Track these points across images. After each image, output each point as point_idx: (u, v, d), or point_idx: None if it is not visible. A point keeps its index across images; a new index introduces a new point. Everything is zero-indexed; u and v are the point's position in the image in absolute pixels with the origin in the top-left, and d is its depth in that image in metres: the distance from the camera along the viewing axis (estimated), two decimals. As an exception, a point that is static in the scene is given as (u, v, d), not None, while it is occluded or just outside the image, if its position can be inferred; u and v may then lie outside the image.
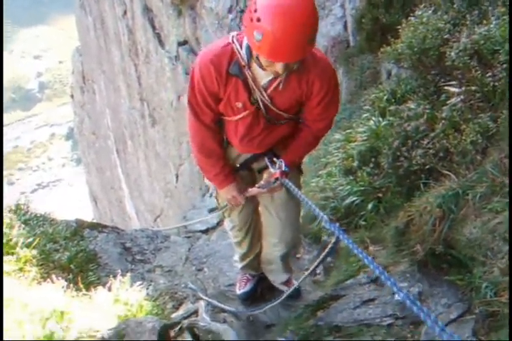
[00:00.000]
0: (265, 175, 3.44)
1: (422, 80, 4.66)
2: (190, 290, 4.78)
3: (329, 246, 2.55)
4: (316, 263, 2.81)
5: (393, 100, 5.00)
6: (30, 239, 4.40)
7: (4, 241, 4.18)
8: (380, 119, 4.80)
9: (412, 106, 4.34)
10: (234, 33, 3.00)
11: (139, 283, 3.99)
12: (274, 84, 3.03)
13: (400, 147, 4.10)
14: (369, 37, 7.85)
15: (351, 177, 4.72)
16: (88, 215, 31.11)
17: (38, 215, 5.75)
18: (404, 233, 3.65)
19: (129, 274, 4.09)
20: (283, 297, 3.56)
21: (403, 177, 4.06)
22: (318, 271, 4.80)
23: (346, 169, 4.91)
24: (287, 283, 4.32)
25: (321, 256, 2.69)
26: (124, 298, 3.62)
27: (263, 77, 3.01)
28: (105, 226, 6.82)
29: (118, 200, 28.66)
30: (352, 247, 2.12)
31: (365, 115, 5.35)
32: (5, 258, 3.94)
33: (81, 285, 3.84)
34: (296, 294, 4.32)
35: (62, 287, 3.54)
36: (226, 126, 3.35)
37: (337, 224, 2.42)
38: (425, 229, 3.42)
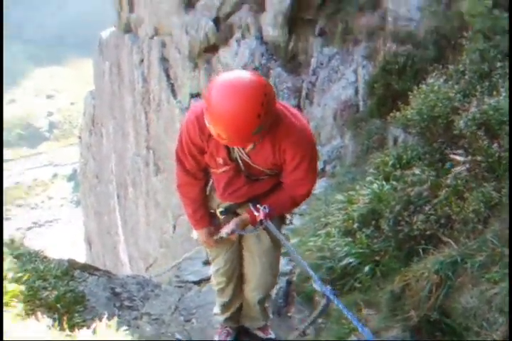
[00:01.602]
0: (237, 218, 3.56)
1: (429, 147, 4.70)
2: (177, 341, 4.69)
3: (320, 308, 2.52)
4: (306, 324, 2.78)
5: (398, 165, 5.02)
6: (20, 274, 4.33)
7: (-7, 274, 4.12)
8: (384, 183, 4.81)
9: (417, 171, 4.36)
10: None
11: (125, 328, 3.90)
12: (251, 145, 3.13)
13: (401, 211, 4.09)
14: (380, 102, 7.98)
15: (350, 239, 4.68)
16: (81, 258, 30.78)
17: (31, 251, 5.70)
18: (400, 298, 3.61)
19: (115, 318, 4.01)
20: None
21: (403, 242, 4.04)
22: (307, 332, 4.71)
23: (346, 230, 4.87)
24: (264, 329, 4.44)
25: (312, 317, 2.67)
26: (108, 341, 3.53)
27: None
28: (97, 269, 6.75)
29: (113, 245, 28.45)
30: (344, 311, 2.10)
31: (369, 178, 5.35)
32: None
33: (65, 326, 3.76)
34: None
35: (47, 325, 3.47)
36: (212, 176, 3.52)
37: (329, 287, 2.42)
38: (421, 295, 3.38)
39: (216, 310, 4.48)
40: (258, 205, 3.41)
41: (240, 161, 3.27)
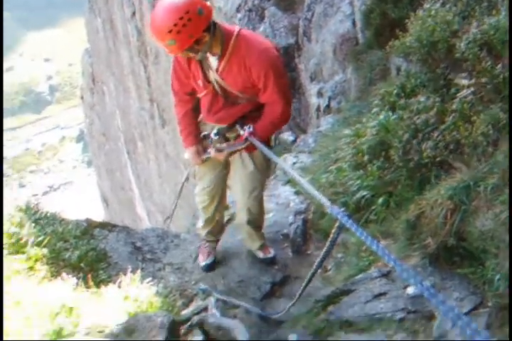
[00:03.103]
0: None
1: (432, 74, 4.59)
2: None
3: (333, 230, 2.57)
4: (325, 248, 2.87)
5: (403, 94, 4.93)
6: (41, 238, 4.37)
7: (14, 240, 4.16)
8: (390, 113, 4.75)
9: (422, 99, 4.29)
10: None
11: (148, 279, 3.96)
12: (221, 66, 3.61)
13: (410, 140, 4.04)
14: (378, 32, 7.78)
15: (361, 172, 4.66)
16: (99, 217, 31.16)
17: (48, 215, 5.74)
18: (416, 226, 3.60)
19: (139, 271, 4.07)
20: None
21: (414, 171, 4.01)
22: (329, 267, 4.76)
23: (356, 164, 4.85)
24: (263, 249, 4.94)
25: (328, 244, 2.74)
26: (133, 294, 3.60)
27: (212, 60, 3.62)
28: (115, 226, 6.82)
29: (129, 201, 28.72)
30: (357, 232, 2.13)
31: (374, 109, 5.28)
32: (15, 256, 3.92)
33: (91, 283, 3.82)
34: (271, 260, 4.97)
35: (73, 285, 3.53)
36: (200, 101, 4.05)
37: (342, 209, 2.51)
38: (437, 221, 3.37)
39: (199, 224, 5.02)
40: (244, 126, 3.87)
41: (215, 84, 3.75)
